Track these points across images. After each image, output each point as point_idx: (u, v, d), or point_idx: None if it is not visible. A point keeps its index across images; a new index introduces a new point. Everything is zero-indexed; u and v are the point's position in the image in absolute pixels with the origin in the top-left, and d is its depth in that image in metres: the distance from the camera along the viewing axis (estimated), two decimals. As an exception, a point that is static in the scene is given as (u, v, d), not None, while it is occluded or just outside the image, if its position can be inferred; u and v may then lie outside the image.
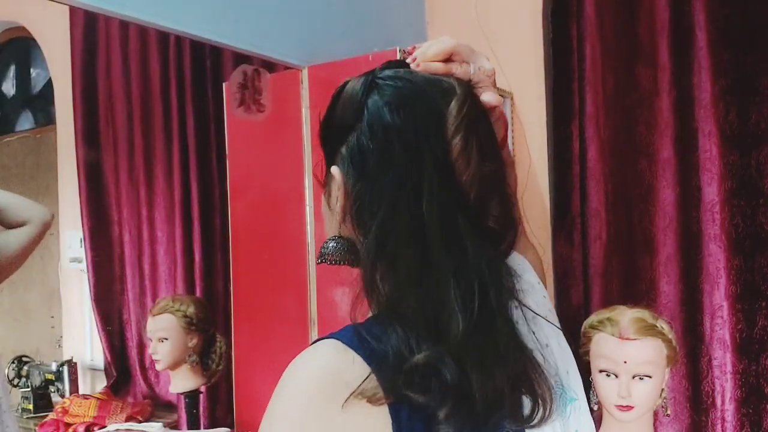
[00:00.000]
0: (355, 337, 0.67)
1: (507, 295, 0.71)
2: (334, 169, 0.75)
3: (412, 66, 0.76)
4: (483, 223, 0.72)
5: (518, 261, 0.83)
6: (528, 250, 0.94)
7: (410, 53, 0.78)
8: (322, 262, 0.78)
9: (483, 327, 0.68)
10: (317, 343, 0.69)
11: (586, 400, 0.86)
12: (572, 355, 0.86)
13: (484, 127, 0.75)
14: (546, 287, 0.90)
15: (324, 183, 0.79)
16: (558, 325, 0.84)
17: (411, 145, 0.70)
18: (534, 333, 0.75)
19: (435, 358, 0.65)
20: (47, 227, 1.93)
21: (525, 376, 0.70)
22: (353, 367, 0.65)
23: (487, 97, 0.77)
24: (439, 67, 0.76)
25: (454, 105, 0.72)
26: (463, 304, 0.67)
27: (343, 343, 0.67)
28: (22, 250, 1.89)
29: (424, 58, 0.76)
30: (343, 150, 0.75)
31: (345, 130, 0.75)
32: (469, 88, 0.76)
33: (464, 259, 0.69)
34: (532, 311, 0.76)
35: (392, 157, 0.71)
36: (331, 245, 0.77)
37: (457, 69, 0.77)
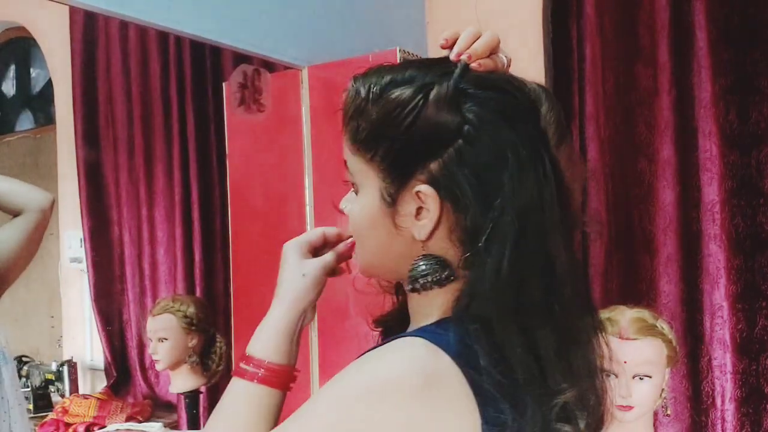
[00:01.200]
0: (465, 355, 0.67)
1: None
2: (426, 188, 0.68)
3: (473, 65, 0.71)
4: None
5: None
6: None
7: (447, 47, 0.74)
8: (418, 286, 0.71)
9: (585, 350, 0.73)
10: (410, 339, 0.68)
11: None
12: None
13: None
14: None
15: (391, 201, 0.70)
16: None
17: (529, 160, 0.67)
18: None
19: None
20: (47, 214, 1.71)
21: (593, 391, 0.74)
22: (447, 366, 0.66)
23: None
24: (490, 63, 0.73)
25: (550, 113, 0.73)
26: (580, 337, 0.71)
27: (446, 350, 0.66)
28: (25, 241, 1.68)
29: (478, 56, 0.71)
30: (435, 167, 0.68)
31: (433, 146, 0.68)
32: (551, 92, 0.75)
33: (579, 285, 0.72)
34: None
35: (516, 176, 0.67)
36: (422, 267, 0.70)
37: (498, 63, 0.75)
